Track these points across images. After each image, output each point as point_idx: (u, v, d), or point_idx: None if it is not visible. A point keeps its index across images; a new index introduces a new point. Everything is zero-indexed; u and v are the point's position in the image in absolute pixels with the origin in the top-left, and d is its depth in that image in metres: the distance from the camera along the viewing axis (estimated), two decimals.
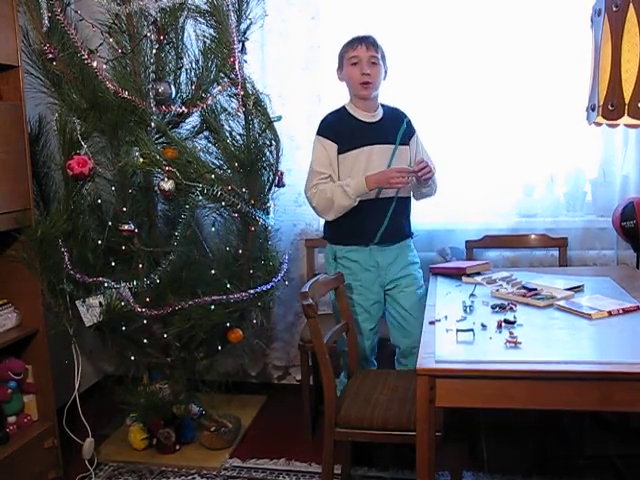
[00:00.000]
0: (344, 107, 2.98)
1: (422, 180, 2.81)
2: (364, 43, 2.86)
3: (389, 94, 3.09)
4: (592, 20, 2.51)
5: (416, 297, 2.97)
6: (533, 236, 3.38)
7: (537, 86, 3.35)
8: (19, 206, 2.72)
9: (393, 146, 2.91)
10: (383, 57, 2.91)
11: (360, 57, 2.85)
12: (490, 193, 3.47)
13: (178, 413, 3.13)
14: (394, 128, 2.95)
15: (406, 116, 3.01)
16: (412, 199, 3.04)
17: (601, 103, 2.41)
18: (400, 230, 2.98)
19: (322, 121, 2.97)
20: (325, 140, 2.90)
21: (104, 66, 2.78)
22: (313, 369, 3.39)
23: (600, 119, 2.44)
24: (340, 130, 2.90)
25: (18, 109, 2.72)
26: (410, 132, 2.99)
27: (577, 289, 2.65)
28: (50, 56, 2.70)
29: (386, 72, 2.95)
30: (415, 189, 2.97)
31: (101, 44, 2.84)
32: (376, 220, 2.90)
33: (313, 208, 2.94)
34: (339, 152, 2.88)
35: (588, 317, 2.29)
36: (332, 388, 2.43)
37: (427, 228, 3.40)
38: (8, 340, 2.74)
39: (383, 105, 3.00)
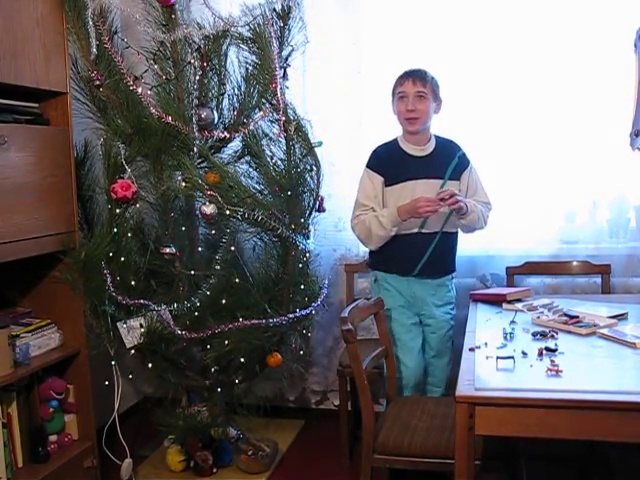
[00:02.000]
0: (396, 139, 3.02)
1: (454, 210, 2.82)
2: (411, 78, 2.89)
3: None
4: (636, 45, 2.49)
5: (444, 339, 3.02)
6: (575, 263, 3.33)
7: (579, 112, 3.32)
8: (64, 228, 2.78)
9: (441, 181, 2.91)
10: (434, 91, 2.92)
11: (407, 92, 2.89)
12: (531, 219, 3.43)
13: (216, 436, 3.13)
14: (445, 162, 2.95)
15: (460, 149, 3.01)
16: (459, 234, 3.05)
17: None
18: (442, 265, 2.99)
19: (372, 153, 3.03)
20: (372, 173, 2.95)
21: (149, 92, 2.85)
22: (351, 394, 3.37)
23: None
24: (387, 163, 2.95)
25: (65, 134, 2.79)
26: (462, 166, 2.98)
27: (621, 317, 2.59)
28: (97, 83, 2.78)
29: (439, 105, 2.96)
30: (458, 221, 2.97)
31: (146, 71, 2.91)
32: (417, 253, 2.92)
33: (357, 238, 3.03)
34: (386, 185, 2.92)
35: (632, 346, 2.24)
36: (370, 414, 2.41)
37: (467, 254, 3.37)
38: (51, 360, 2.78)
39: (438, 137, 3.02)
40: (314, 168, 2.90)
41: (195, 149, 2.85)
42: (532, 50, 3.33)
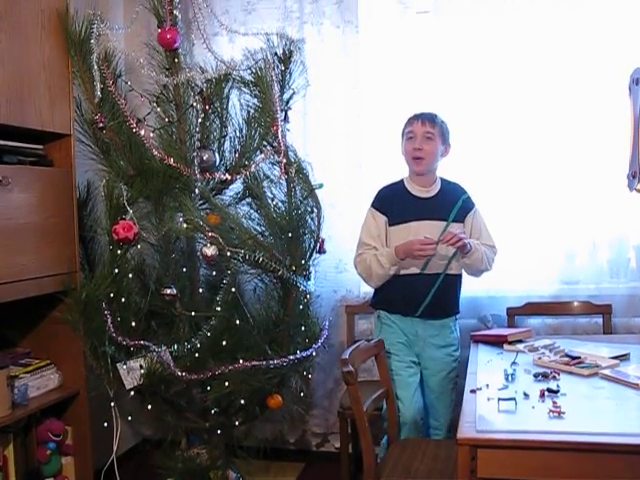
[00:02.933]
0: (402, 180, 3.05)
1: (458, 248, 2.82)
2: (420, 119, 2.95)
3: None
4: (630, 89, 2.53)
5: (445, 382, 2.99)
6: (576, 303, 3.33)
7: (578, 154, 3.36)
8: (65, 269, 2.78)
9: (445, 223, 2.93)
10: (443, 134, 2.97)
11: (415, 132, 2.94)
12: (532, 260, 3.44)
13: (215, 479, 3.09)
14: (449, 204, 2.97)
15: (465, 192, 3.04)
16: (463, 276, 3.06)
17: None
18: (445, 307, 3.00)
19: (377, 193, 3.07)
20: (376, 212, 2.99)
21: (151, 134, 2.87)
22: (352, 437, 3.34)
23: None
24: (392, 203, 2.98)
25: (68, 175, 2.82)
26: (466, 209, 3.00)
27: (623, 358, 2.59)
28: (100, 125, 2.80)
29: (446, 149, 3.00)
30: (462, 261, 2.97)
31: (149, 113, 2.94)
32: (420, 294, 2.93)
33: (360, 276, 3.05)
34: (390, 224, 2.95)
35: (635, 387, 2.23)
36: (371, 456, 2.39)
37: (468, 295, 3.37)
38: (50, 401, 2.76)
39: (443, 180, 3.05)
40: (315, 210, 2.92)
41: (196, 191, 2.87)
42: (531, 93, 3.38)
